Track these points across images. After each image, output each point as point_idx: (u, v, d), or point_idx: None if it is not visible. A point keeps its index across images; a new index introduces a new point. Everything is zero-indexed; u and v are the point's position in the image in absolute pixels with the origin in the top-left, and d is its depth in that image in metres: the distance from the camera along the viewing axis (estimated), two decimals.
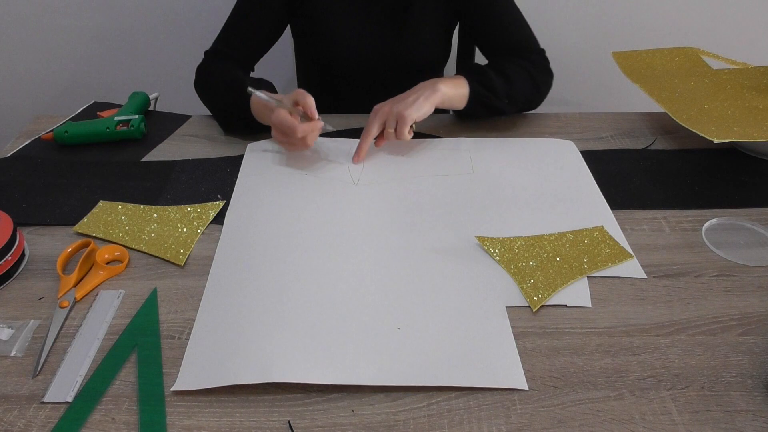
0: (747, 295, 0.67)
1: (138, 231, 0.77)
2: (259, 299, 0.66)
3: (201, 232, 0.77)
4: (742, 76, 1.01)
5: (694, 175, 0.88)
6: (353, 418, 0.54)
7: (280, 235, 0.75)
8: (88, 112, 1.05)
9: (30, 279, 0.70)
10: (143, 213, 0.80)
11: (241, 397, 0.56)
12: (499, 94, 0.93)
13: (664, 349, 0.60)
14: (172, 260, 0.72)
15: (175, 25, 1.56)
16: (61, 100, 1.68)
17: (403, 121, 0.85)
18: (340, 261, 0.71)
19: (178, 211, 0.80)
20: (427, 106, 0.86)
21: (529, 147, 0.94)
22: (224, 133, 0.99)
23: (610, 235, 0.75)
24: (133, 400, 0.56)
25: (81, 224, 0.78)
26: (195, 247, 0.74)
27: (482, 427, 0.53)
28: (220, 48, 1.03)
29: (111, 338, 0.62)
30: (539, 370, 0.58)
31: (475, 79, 0.92)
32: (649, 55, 1.08)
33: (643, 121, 1.03)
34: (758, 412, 0.54)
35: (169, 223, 0.78)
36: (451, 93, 0.90)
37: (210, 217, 0.79)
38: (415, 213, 0.79)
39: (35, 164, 0.91)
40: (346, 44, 1.04)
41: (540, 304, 0.65)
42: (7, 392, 0.57)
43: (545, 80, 1.00)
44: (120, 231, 0.77)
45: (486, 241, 0.73)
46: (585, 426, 0.53)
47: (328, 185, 0.85)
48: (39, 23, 1.56)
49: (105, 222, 0.78)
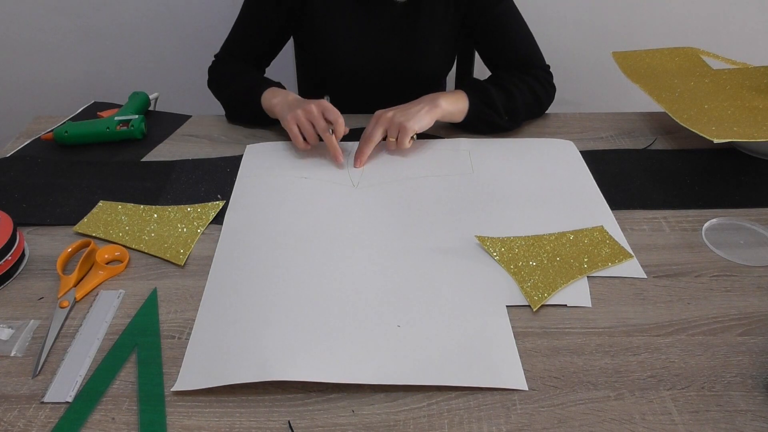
0: (747, 295, 0.67)
1: (138, 231, 0.77)
2: (258, 299, 0.66)
3: (201, 232, 0.77)
4: (742, 76, 1.01)
5: (694, 175, 0.88)
6: (353, 418, 0.54)
7: (279, 235, 0.75)
8: (88, 112, 1.06)
9: (30, 279, 0.70)
10: (143, 213, 0.80)
11: (241, 397, 0.56)
12: (499, 111, 0.94)
13: (664, 349, 0.60)
14: (172, 260, 0.72)
15: (175, 25, 1.56)
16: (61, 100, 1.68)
17: (404, 132, 0.87)
18: (340, 260, 0.71)
19: (178, 211, 0.80)
20: (428, 119, 0.88)
21: (529, 147, 0.94)
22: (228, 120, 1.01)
23: (610, 234, 0.75)
24: (133, 400, 0.56)
25: (81, 224, 0.78)
26: (195, 247, 0.74)
27: (482, 427, 0.53)
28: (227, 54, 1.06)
29: (111, 338, 0.62)
30: (539, 370, 0.58)
31: (476, 95, 0.93)
32: (649, 55, 1.08)
33: (643, 121, 1.03)
34: (758, 412, 0.54)
35: (169, 223, 0.78)
36: (452, 108, 0.91)
37: (210, 217, 0.79)
38: (414, 213, 0.79)
39: (35, 164, 0.91)
40: (350, 57, 1.03)
41: (540, 304, 0.65)
42: (7, 392, 0.57)
43: (548, 94, 1.01)
44: (120, 231, 0.77)
45: (486, 240, 0.73)
46: (585, 426, 0.53)
47: (327, 187, 0.85)
48: (39, 23, 1.56)
49: (105, 222, 0.78)
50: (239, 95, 0.98)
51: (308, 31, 1.03)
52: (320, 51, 1.04)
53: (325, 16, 1.00)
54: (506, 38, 1.01)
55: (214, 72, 1.06)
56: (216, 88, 1.05)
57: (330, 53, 1.03)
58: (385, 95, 0.98)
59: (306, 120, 0.87)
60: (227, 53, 1.06)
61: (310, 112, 0.87)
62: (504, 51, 1.02)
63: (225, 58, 1.06)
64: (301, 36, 1.06)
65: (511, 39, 1.01)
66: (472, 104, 0.93)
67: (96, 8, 1.53)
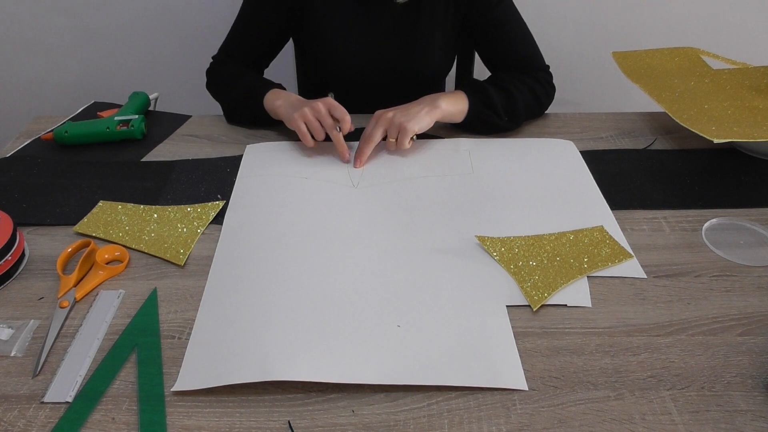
0: (747, 295, 0.67)
1: (138, 231, 0.77)
2: (258, 299, 0.66)
3: (201, 232, 0.77)
4: (742, 76, 1.01)
5: (694, 175, 0.88)
6: (353, 418, 0.54)
7: (279, 234, 0.75)
8: (88, 112, 1.06)
9: (30, 279, 0.70)
10: (143, 213, 0.80)
11: (241, 397, 0.56)
12: (498, 112, 0.94)
13: (664, 349, 0.60)
14: (172, 260, 0.72)
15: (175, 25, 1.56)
16: (61, 100, 1.68)
17: (404, 133, 0.87)
18: (339, 260, 0.71)
19: (178, 211, 0.80)
20: (428, 120, 0.89)
21: (529, 147, 0.94)
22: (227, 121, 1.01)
23: (610, 234, 0.75)
24: (133, 400, 0.56)
25: (81, 224, 0.78)
26: (195, 247, 0.74)
27: (482, 427, 0.53)
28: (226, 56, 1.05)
29: (111, 338, 0.62)
30: (539, 370, 0.58)
31: (475, 96, 0.94)
32: (649, 55, 1.08)
33: (643, 121, 1.03)
34: (758, 412, 0.54)
35: (169, 223, 0.78)
36: (452, 109, 0.92)
37: (210, 217, 0.79)
38: (414, 213, 0.79)
39: (35, 164, 0.91)
40: (351, 57, 1.03)
41: (540, 304, 0.65)
42: (7, 392, 0.57)
43: (547, 95, 1.01)
44: (120, 231, 0.77)
45: (486, 240, 0.73)
46: (585, 426, 0.53)
47: (327, 187, 0.85)
48: (39, 23, 1.56)
49: (105, 222, 0.78)
50: (240, 97, 0.98)
51: (308, 32, 1.03)
52: (320, 51, 1.04)
53: (325, 17, 1.00)
54: (506, 39, 1.01)
55: (213, 74, 1.05)
56: (215, 90, 1.04)
57: (330, 53, 1.03)
58: (385, 95, 0.98)
59: (314, 118, 0.87)
60: (226, 54, 1.06)
61: (318, 110, 0.87)
62: (504, 52, 1.02)
63: (223, 60, 1.06)
64: (301, 37, 1.06)
65: (511, 40, 1.01)
66: (472, 105, 0.93)
67: (96, 8, 1.53)
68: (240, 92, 0.98)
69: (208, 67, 1.06)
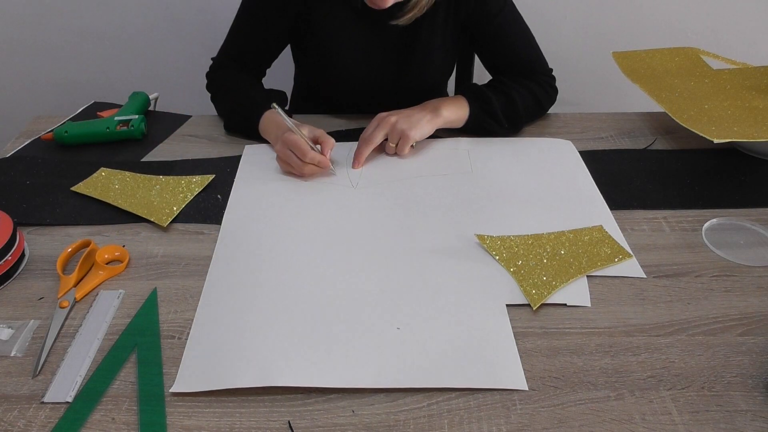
0: (747, 295, 0.67)
1: (129, 195, 0.83)
2: (257, 301, 0.66)
3: (188, 200, 0.82)
4: (742, 76, 1.01)
5: (694, 175, 0.88)
6: (353, 418, 0.54)
7: (278, 235, 0.75)
8: (88, 112, 1.05)
9: (30, 279, 0.70)
10: (139, 180, 0.86)
11: (241, 397, 0.56)
12: (499, 119, 0.94)
13: (664, 349, 0.60)
14: (156, 221, 0.77)
15: (175, 25, 1.56)
16: (61, 100, 1.68)
17: (405, 140, 0.88)
18: (339, 261, 0.71)
19: (172, 180, 0.86)
20: (429, 128, 0.89)
21: (528, 147, 0.94)
22: (225, 132, 1.00)
23: (609, 234, 0.75)
24: (133, 400, 0.56)
25: (79, 186, 0.85)
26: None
27: (482, 427, 0.53)
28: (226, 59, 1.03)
29: (111, 338, 0.62)
30: (539, 370, 0.58)
31: (476, 103, 0.93)
32: (649, 55, 1.08)
33: (643, 121, 1.03)
34: (758, 412, 0.54)
35: (162, 191, 0.84)
36: (453, 117, 0.92)
37: (199, 187, 0.84)
38: (413, 213, 0.79)
39: (35, 164, 0.91)
40: (349, 72, 1.02)
41: (540, 302, 0.65)
42: (7, 392, 0.57)
43: (549, 98, 1.01)
44: (112, 191, 0.84)
45: (486, 240, 0.73)
46: (585, 426, 0.53)
47: (326, 188, 0.85)
48: (39, 23, 1.56)
49: (103, 185, 0.85)
50: (237, 114, 0.97)
51: (309, 41, 1.01)
52: (319, 61, 1.02)
53: (325, 29, 0.98)
54: (508, 46, 1.00)
55: (213, 78, 1.03)
56: (214, 97, 1.03)
57: (328, 65, 1.01)
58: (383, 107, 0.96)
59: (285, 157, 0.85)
60: (226, 57, 1.03)
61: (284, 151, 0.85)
62: (507, 58, 1.01)
63: (224, 63, 1.03)
64: (302, 44, 1.05)
65: (513, 47, 1.00)
66: (472, 113, 0.93)
67: (96, 8, 1.53)
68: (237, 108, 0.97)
69: (208, 69, 1.05)
